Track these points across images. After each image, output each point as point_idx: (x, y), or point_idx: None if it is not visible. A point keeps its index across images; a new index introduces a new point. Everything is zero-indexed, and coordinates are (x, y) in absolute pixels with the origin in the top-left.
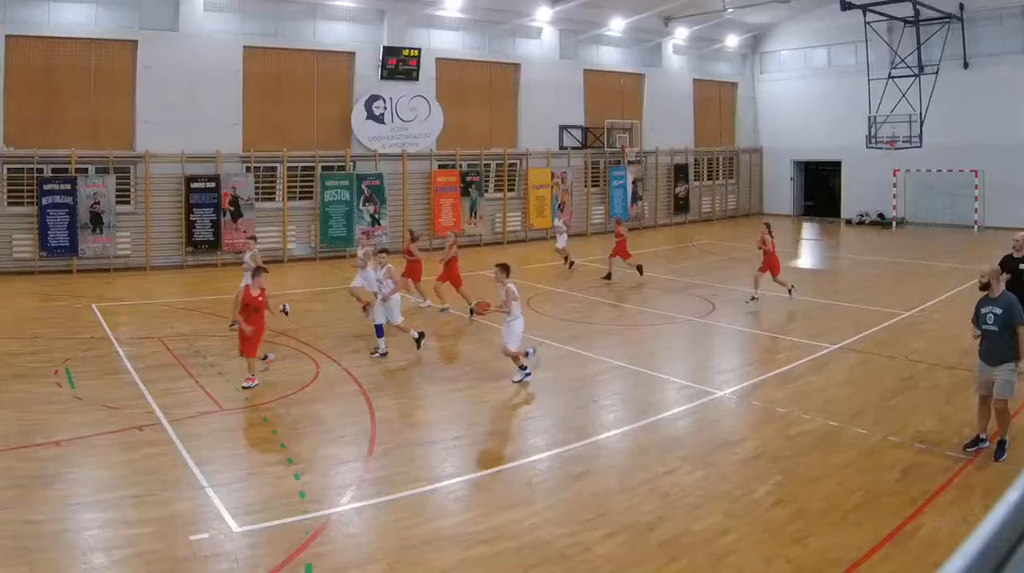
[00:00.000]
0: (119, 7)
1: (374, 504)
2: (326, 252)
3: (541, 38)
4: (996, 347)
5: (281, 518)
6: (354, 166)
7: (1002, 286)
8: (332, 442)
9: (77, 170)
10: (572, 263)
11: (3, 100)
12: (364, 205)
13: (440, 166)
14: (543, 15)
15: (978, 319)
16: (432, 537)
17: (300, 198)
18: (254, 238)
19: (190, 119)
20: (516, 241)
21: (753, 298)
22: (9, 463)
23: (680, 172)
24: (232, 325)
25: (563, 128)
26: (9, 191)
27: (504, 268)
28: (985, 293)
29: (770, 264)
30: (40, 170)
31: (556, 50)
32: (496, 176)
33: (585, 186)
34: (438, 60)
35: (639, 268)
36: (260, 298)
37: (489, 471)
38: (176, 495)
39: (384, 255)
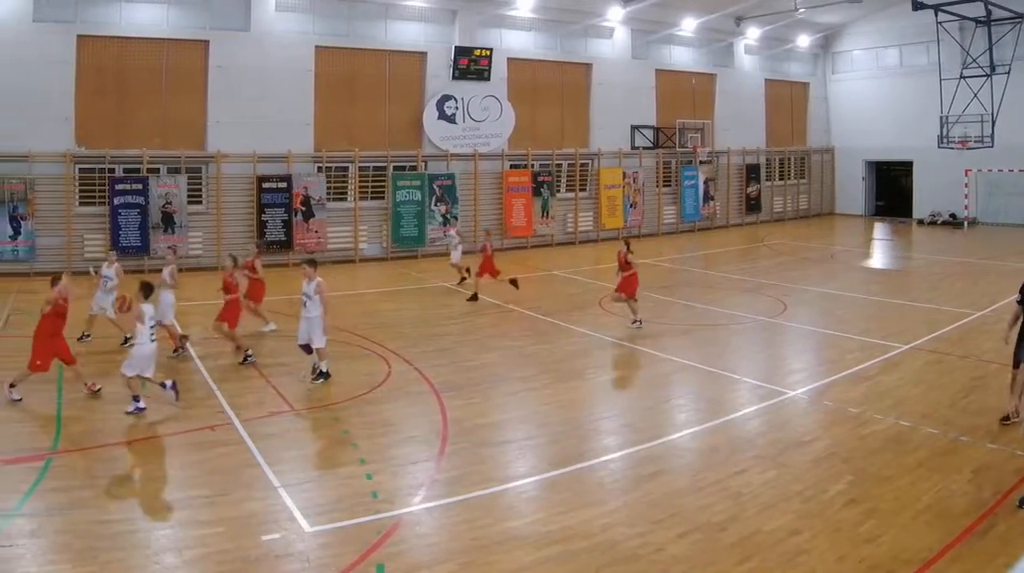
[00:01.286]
0: (191, 7)
1: (446, 504)
2: (397, 252)
3: (613, 38)
4: None
5: (353, 518)
6: (426, 166)
7: None
8: (404, 442)
9: (148, 170)
10: (464, 279)
11: (75, 100)
12: (436, 205)
13: (512, 166)
14: (615, 15)
15: None
16: (504, 537)
17: (372, 198)
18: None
19: (261, 119)
20: (588, 241)
21: (636, 322)
22: (82, 463)
23: (752, 172)
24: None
25: (635, 128)
26: (81, 191)
27: (144, 288)
28: None
29: (627, 285)
30: (112, 170)
31: (628, 50)
32: (568, 176)
33: (657, 186)
34: (510, 60)
35: (514, 282)
36: (65, 305)
37: (561, 471)
38: (248, 495)
39: (309, 268)
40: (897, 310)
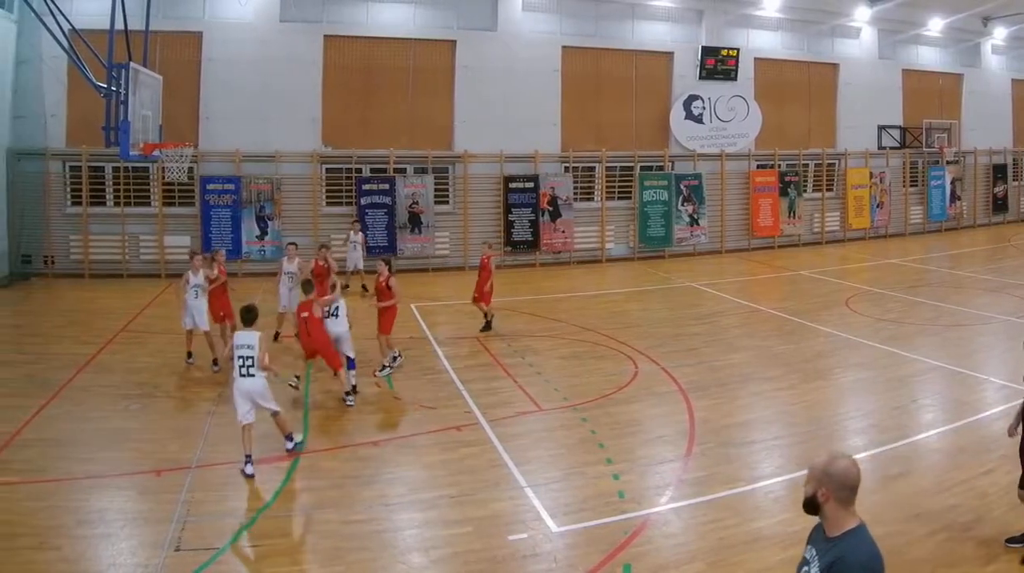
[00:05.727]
0: (438, 7)
1: (693, 504)
2: (644, 252)
3: (860, 38)
4: None
5: (599, 518)
6: (672, 166)
7: (854, 518)
8: (651, 442)
9: (395, 170)
10: (347, 286)
11: (321, 100)
12: (683, 205)
13: (758, 166)
14: (862, 15)
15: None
16: (751, 537)
17: (619, 198)
18: None
19: (508, 119)
20: (834, 241)
21: (385, 367)
22: (329, 463)
23: (999, 172)
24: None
25: (881, 128)
26: (327, 191)
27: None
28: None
29: (386, 319)
30: (358, 170)
31: (875, 50)
32: (814, 176)
33: (903, 186)
34: (756, 60)
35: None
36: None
37: (807, 471)
38: (494, 495)
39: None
40: None
